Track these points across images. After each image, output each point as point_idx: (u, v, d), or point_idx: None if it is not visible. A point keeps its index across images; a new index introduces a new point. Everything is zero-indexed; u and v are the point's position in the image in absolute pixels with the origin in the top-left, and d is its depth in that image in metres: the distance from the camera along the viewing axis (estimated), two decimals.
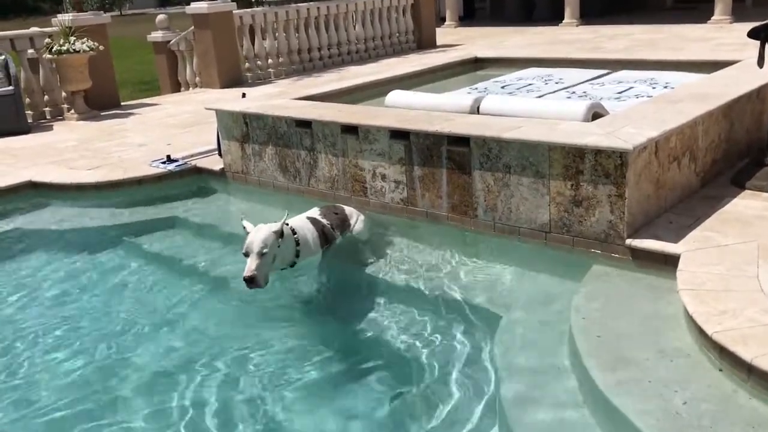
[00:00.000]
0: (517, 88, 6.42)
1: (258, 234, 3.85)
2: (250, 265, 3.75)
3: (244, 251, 3.82)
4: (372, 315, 3.87)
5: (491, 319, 3.65)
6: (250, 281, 3.72)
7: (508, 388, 3.07)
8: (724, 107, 4.73)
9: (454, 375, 3.25)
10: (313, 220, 4.44)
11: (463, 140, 4.49)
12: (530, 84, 6.57)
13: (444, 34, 15.86)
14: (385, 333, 3.67)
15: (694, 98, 4.79)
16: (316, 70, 11.92)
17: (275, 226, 3.95)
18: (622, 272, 3.84)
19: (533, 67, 7.50)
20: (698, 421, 2.62)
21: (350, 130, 5.11)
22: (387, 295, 4.10)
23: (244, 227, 3.98)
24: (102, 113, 9.45)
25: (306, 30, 11.96)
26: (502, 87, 6.51)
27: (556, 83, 6.53)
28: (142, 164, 6.41)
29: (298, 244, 4.16)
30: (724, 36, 11.87)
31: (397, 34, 13.53)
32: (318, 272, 4.33)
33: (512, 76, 7.05)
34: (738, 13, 14.08)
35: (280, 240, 3.94)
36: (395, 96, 5.71)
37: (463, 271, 4.19)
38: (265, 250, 3.80)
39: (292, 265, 4.18)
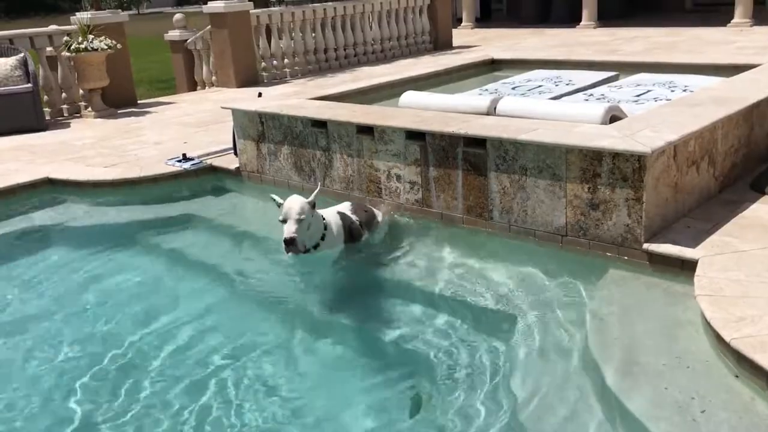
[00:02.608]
0: (529, 90, 6.39)
1: (295, 201, 4.00)
2: (290, 227, 3.87)
3: (282, 218, 3.93)
4: (383, 315, 3.86)
5: (505, 322, 3.63)
6: (290, 243, 3.84)
7: (522, 390, 3.05)
8: (744, 111, 4.68)
9: (467, 378, 3.23)
10: (342, 215, 4.53)
11: (479, 142, 4.47)
12: (540, 85, 6.54)
13: (460, 35, 15.81)
14: (396, 333, 3.65)
15: (713, 102, 4.74)
16: (332, 70, 11.92)
17: (310, 197, 4.11)
18: (638, 277, 3.81)
19: (541, 69, 7.47)
20: (717, 430, 2.58)
21: (366, 130, 5.10)
22: (399, 296, 4.08)
23: (274, 199, 4.11)
24: (119, 111, 9.50)
25: (322, 30, 11.97)
26: (513, 88, 6.48)
27: (567, 84, 6.50)
28: (158, 162, 6.44)
29: (325, 228, 4.25)
30: (744, 39, 11.75)
31: (414, 35, 13.50)
32: (333, 270, 4.33)
33: (521, 78, 7.02)
34: (759, 16, 13.93)
35: (312, 212, 4.09)
36: (409, 97, 5.70)
37: (477, 273, 4.16)
38: (302, 216, 3.95)
39: (315, 247, 4.24)
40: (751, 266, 3.51)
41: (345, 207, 4.66)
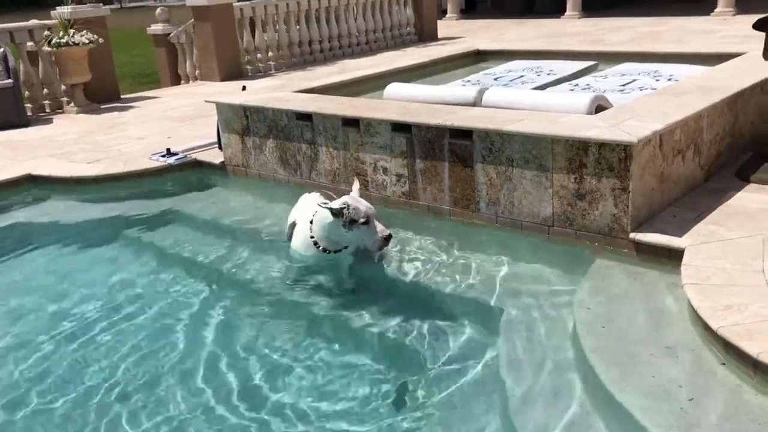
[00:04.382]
0: (510, 80, 6.38)
1: (362, 201, 4.02)
2: (380, 226, 3.91)
3: (363, 220, 3.91)
4: (369, 307, 3.83)
5: (493, 313, 3.62)
6: (391, 236, 3.91)
7: (511, 382, 3.04)
8: (729, 100, 4.69)
9: (457, 369, 3.22)
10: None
11: (465, 133, 4.45)
12: (522, 75, 6.54)
13: (445, 26, 15.78)
14: (381, 326, 3.63)
15: (698, 91, 4.75)
16: (317, 62, 11.86)
17: (354, 193, 4.15)
18: (626, 266, 3.81)
19: (525, 60, 7.46)
20: (705, 418, 2.59)
21: (351, 123, 5.07)
22: (386, 289, 4.07)
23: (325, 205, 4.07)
24: (102, 106, 9.40)
25: (306, 22, 11.90)
26: (495, 79, 6.47)
27: (548, 74, 6.51)
28: (142, 157, 6.38)
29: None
30: (728, 28, 11.80)
31: (399, 27, 13.46)
32: (318, 264, 4.31)
33: (502, 68, 7.02)
34: (741, 5, 14.00)
35: None
36: (394, 89, 5.67)
37: (464, 265, 4.15)
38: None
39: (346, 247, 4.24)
40: (737, 254, 3.52)
41: (317, 198, 4.60)
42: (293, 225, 4.46)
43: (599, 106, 4.59)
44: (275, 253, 4.61)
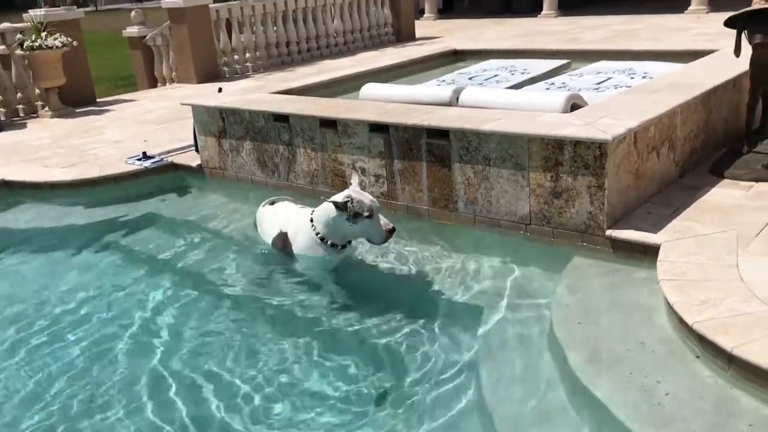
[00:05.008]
0: (485, 79, 6.40)
1: (365, 194, 4.03)
2: (383, 219, 3.93)
3: (367, 214, 3.91)
4: (349, 308, 3.84)
5: (471, 312, 3.63)
6: (394, 229, 3.93)
7: (488, 379, 3.05)
8: (702, 97, 4.74)
9: (436, 368, 3.22)
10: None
11: (442, 133, 4.46)
12: (496, 75, 6.56)
13: (423, 26, 15.79)
14: (360, 326, 3.63)
15: (672, 88, 4.80)
16: (295, 63, 11.81)
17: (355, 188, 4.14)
18: (602, 263, 3.84)
19: (502, 59, 7.49)
20: (680, 412, 2.62)
21: (329, 124, 5.06)
22: (365, 290, 4.07)
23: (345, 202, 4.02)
24: (77, 110, 9.29)
25: (284, 23, 11.84)
26: (470, 78, 6.49)
27: (522, 73, 6.54)
28: (118, 161, 6.31)
29: None
30: (701, 26, 11.92)
31: (377, 27, 13.44)
32: (297, 264, 4.30)
33: (477, 68, 7.04)
34: (714, 3, 14.15)
35: None
36: (369, 89, 5.67)
37: (443, 265, 4.16)
38: None
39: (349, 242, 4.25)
40: (712, 249, 3.56)
41: (290, 204, 4.59)
42: (284, 235, 4.35)
43: (574, 105, 4.62)
44: (253, 255, 4.58)
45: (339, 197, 4.01)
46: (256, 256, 4.57)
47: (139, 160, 6.21)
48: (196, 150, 6.17)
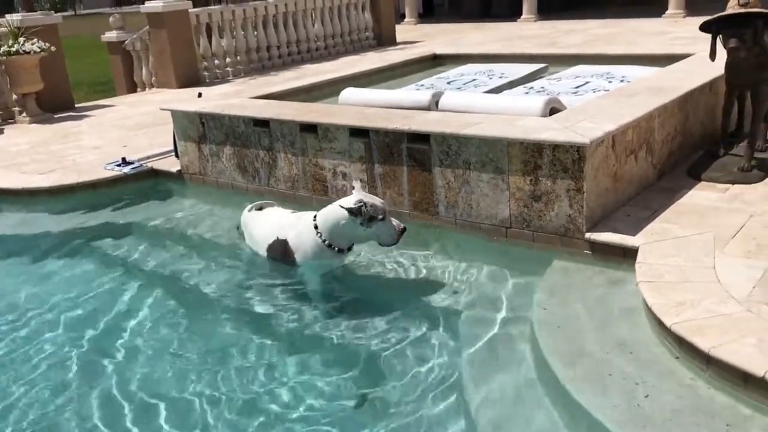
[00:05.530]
0: (464, 83, 6.43)
1: (373, 197, 4.03)
2: (394, 220, 3.97)
3: (381, 216, 3.91)
4: (328, 314, 3.83)
5: (452, 316, 3.64)
6: (405, 230, 3.97)
7: (469, 383, 3.06)
8: (679, 100, 4.79)
9: (417, 373, 3.22)
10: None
11: (422, 137, 4.47)
12: (474, 79, 6.59)
13: (404, 30, 15.83)
14: (340, 332, 3.62)
15: (649, 92, 4.85)
16: (275, 68, 11.79)
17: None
18: (582, 266, 3.86)
19: (482, 63, 7.52)
20: (659, 413, 2.64)
21: (309, 128, 5.05)
22: (346, 295, 4.06)
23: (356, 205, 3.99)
24: (55, 116, 9.21)
25: (264, 28, 11.82)
26: (448, 83, 6.52)
27: (500, 77, 6.57)
28: (97, 167, 6.26)
29: None
30: (678, 30, 12.05)
31: (357, 32, 13.45)
32: (278, 271, 4.28)
33: (455, 72, 7.07)
34: (691, 7, 14.33)
35: None
36: (348, 93, 5.67)
37: (423, 269, 4.17)
38: None
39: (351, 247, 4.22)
40: (689, 251, 3.59)
41: (280, 209, 4.55)
42: (283, 242, 4.22)
43: (553, 109, 4.65)
44: (234, 261, 4.56)
45: (349, 202, 3.94)
46: (236, 263, 4.54)
47: (118, 166, 6.16)
48: (176, 155, 6.13)
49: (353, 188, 4.05)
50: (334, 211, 4.00)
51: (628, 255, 3.73)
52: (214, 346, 3.63)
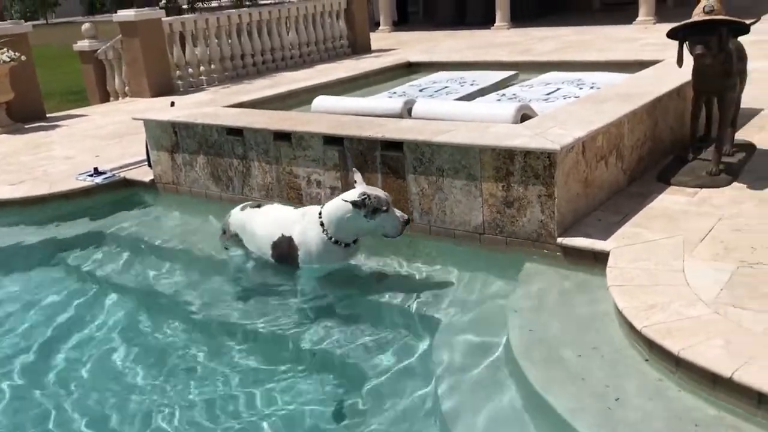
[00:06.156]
0: (436, 91, 6.46)
1: (376, 188, 4.08)
2: (398, 211, 4.04)
3: (385, 208, 3.96)
4: (304, 321, 3.83)
5: (426, 322, 3.65)
6: (409, 221, 4.08)
7: (444, 388, 3.07)
8: (648, 106, 4.87)
9: (393, 378, 3.24)
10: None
11: (396, 145, 4.49)
12: (446, 86, 6.63)
13: (378, 38, 15.90)
14: (315, 338, 3.62)
15: (619, 98, 4.91)
16: (250, 76, 11.77)
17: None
18: (554, 271, 3.90)
19: (452, 70, 7.57)
20: (631, 416, 2.67)
21: (283, 136, 5.05)
22: (322, 301, 4.06)
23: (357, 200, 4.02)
24: (26, 126, 9.10)
25: (238, 36, 11.80)
26: (420, 90, 6.54)
27: (471, 85, 6.61)
28: (69, 178, 6.20)
29: None
30: (648, 36, 12.25)
31: (332, 40, 13.48)
32: (254, 277, 4.28)
33: (426, 80, 7.10)
34: (661, 14, 14.57)
35: None
36: (321, 101, 5.68)
37: (398, 276, 4.18)
38: None
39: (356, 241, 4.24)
40: (659, 255, 3.65)
41: (277, 206, 4.57)
42: (288, 239, 4.20)
43: (524, 115, 4.70)
44: (209, 270, 4.54)
45: (353, 195, 3.98)
46: (212, 271, 4.52)
47: (91, 176, 6.10)
48: (149, 165, 6.09)
49: (355, 182, 4.10)
50: (339, 205, 4.05)
51: (600, 259, 3.77)
52: (187, 355, 3.62)
